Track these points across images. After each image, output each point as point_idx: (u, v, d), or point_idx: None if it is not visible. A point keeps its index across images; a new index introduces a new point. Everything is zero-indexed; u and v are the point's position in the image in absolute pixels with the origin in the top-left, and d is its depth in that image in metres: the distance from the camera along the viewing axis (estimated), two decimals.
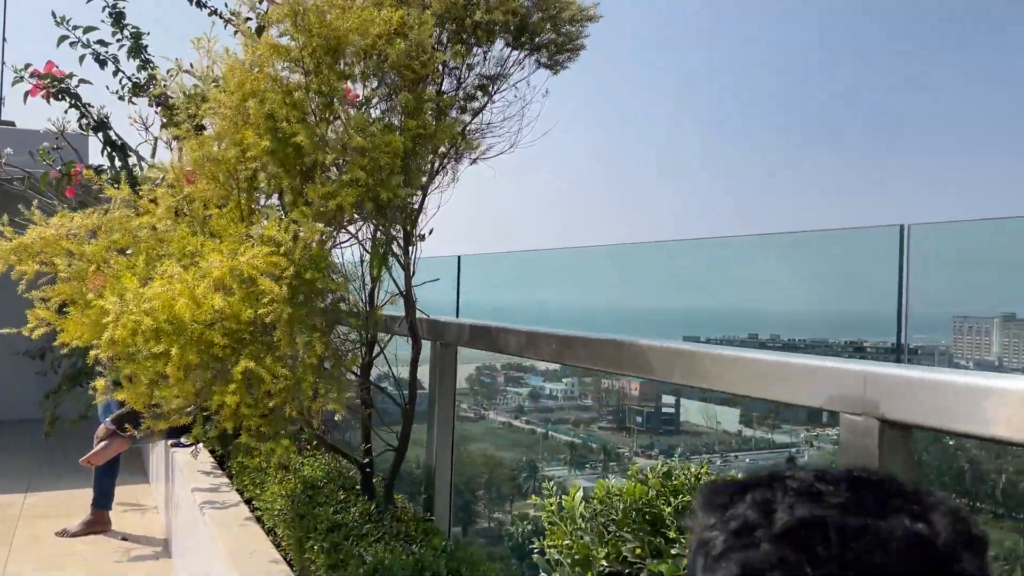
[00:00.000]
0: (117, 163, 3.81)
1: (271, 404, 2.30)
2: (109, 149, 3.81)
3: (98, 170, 3.49)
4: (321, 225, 2.31)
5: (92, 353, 2.32)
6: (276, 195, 2.79)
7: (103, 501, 5.28)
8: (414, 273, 3.02)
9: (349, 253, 3.10)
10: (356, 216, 2.58)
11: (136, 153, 4.37)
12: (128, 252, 2.52)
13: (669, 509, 1.22)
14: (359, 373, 2.96)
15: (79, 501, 5.53)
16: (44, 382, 7.83)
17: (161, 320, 2.12)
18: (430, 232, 3.17)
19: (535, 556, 1.38)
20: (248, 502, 3.78)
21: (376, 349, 3.11)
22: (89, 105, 3.82)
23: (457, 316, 4.06)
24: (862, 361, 1.40)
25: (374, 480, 3.05)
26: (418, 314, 3.04)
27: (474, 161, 2.80)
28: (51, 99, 3.72)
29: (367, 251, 2.84)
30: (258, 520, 3.52)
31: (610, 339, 2.04)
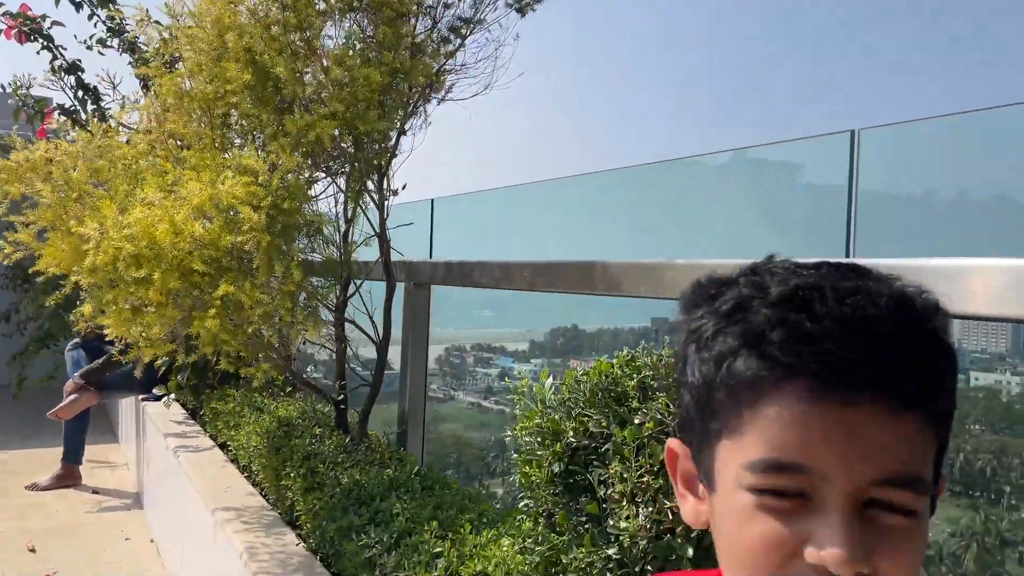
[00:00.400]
0: (89, 106, 3.82)
1: (250, 330, 2.37)
2: (81, 92, 3.81)
3: (70, 111, 3.50)
4: (299, 157, 2.37)
5: (72, 279, 2.36)
6: (250, 136, 2.83)
7: (73, 455, 5.30)
8: (388, 215, 3.09)
9: (326, 206, 3.16)
10: (333, 152, 2.64)
11: (105, 110, 4.37)
12: (107, 186, 2.55)
13: (632, 383, 1.32)
14: (334, 310, 3.03)
15: (49, 459, 5.53)
16: (10, 348, 7.78)
17: (142, 246, 2.17)
18: (403, 187, 3.25)
19: (507, 439, 1.48)
20: (222, 447, 3.84)
21: (352, 290, 3.19)
22: (62, 47, 3.82)
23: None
24: (818, 258, 1.50)
25: (348, 416, 3.13)
26: (393, 256, 3.11)
27: (442, 100, 2.86)
28: (24, 40, 3.71)
29: (343, 191, 2.89)
30: (233, 462, 3.58)
31: (582, 261, 2.13)
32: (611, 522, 1.23)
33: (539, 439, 1.38)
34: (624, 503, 1.20)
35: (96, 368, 5.13)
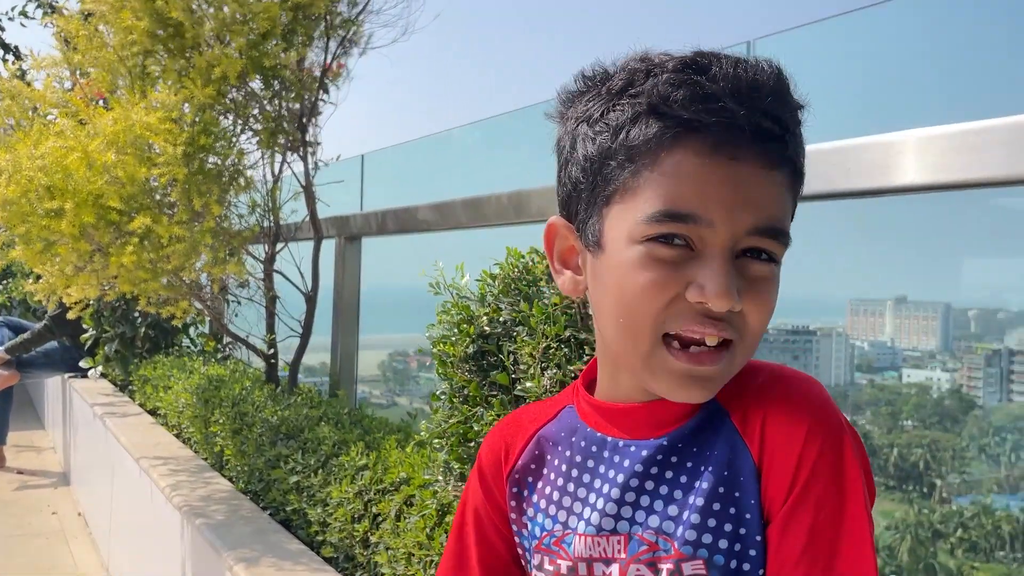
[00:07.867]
0: (11, 64, 3.71)
1: (169, 267, 2.34)
2: (1, 51, 3.70)
3: None
4: (209, 88, 2.34)
5: None
6: (164, 79, 2.79)
7: None
8: (316, 169, 3.07)
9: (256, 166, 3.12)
10: (243, 92, 2.61)
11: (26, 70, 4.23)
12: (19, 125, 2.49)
13: (542, 267, 1.36)
14: (263, 262, 3.01)
15: None
16: None
17: (55, 177, 2.13)
18: (337, 158, 3.24)
19: (425, 331, 1.50)
20: (152, 412, 3.78)
21: (280, 246, 3.16)
22: None
23: None
24: None
25: (279, 369, 3.11)
26: (322, 211, 3.09)
27: (363, 52, 2.86)
28: None
29: (260, 138, 2.86)
30: (163, 425, 3.53)
31: (515, 191, 2.13)
32: (518, 387, 1.27)
33: (456, 326, 1.41)
34: (530, 370, 1.24)
35: (21, 344, 4.97)
